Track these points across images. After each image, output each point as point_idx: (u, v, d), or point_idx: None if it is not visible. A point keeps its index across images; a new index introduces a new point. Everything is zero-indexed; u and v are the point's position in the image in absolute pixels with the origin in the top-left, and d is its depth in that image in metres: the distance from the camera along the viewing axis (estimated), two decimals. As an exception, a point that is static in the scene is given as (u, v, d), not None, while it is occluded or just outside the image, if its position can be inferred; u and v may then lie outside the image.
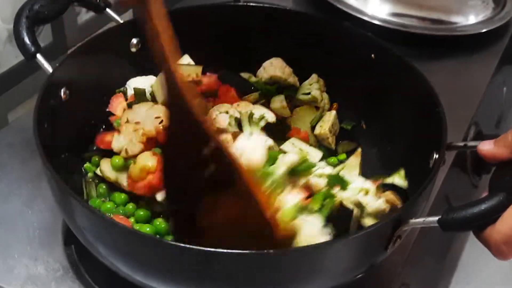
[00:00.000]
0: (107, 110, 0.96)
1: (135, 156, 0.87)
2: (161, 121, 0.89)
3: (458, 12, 1.38)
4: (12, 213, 0.90)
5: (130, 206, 0.86)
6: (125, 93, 0.97)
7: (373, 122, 1.00)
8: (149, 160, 0.84)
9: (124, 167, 0.88)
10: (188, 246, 0.63)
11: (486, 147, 0.72)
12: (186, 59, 1.03)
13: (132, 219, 0.85)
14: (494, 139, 0.72)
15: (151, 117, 0.90)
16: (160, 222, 0.84)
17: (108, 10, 0.96)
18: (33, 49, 0.85)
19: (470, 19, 1.37)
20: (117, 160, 0.88)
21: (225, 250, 0.62)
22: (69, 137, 0.88)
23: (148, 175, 0.84)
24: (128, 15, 1.28)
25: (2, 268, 0.83)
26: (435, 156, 0.79)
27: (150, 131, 0.88)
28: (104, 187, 0.90)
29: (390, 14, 1.34)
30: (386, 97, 0.95)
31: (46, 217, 0.90)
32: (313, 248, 0.67)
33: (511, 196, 0.65)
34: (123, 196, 0.88)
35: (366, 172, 0.95)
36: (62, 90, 0.86)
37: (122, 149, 0.88)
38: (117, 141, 0.89)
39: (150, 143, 0.88)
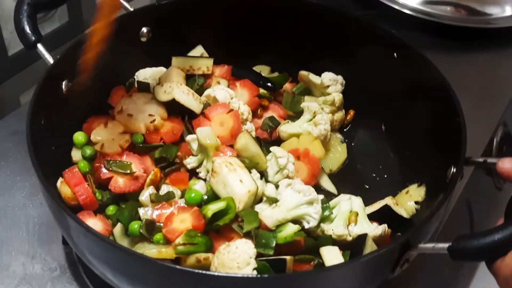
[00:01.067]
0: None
1: (108, 155, 0.82)
2: (153, 120, 0.85)
3: (494, 1, 1.28)
4: (13, 206, 0.87)
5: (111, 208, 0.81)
6: (131, 85, 0.93)
7: (393, 126, 0.93)
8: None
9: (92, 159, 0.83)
10: (177, 267, 0.61)
11: (506, 165, 0.66)
12: (200, 50, 0.99)
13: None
14: None
15: (145, 112, 0.85)
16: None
17: (121, 0, 0.91)
18: (33, 38, 0.81)
19: (506, 10, 1.27)
20: (88, 150, 0.83)
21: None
22: (68, 131, 0.85)
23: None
24: (140, 2, 1.22)
25: (-2, 265, 0.80)
26: (453, 170, 0.73)
27: (136, 141, 0.84)
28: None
29: (422, 3, 1.25)
30: (407, 99, 0.88)
31: (47, 212, 0.85)
32: (322, 271, 0.65)
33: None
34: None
35: (383, 178, 0.91)
36: (64, 83, 0.82)
37: (98, 142, 0.84)
38: (98, 133, 0.84)
39: (130, 149, 0.84)
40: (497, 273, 0.59)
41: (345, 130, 0.98)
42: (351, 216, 0.79)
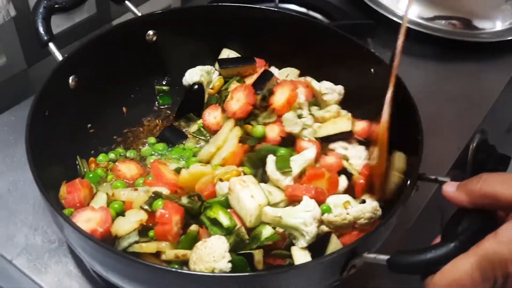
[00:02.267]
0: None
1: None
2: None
3: (486, 17, 1.29)
4: (24, 181, 0.91)
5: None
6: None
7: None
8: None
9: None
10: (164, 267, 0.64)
11: (449, 189, 0.65)
12: (226, 52, 1.01)
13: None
14: (459, 182, 0.65)
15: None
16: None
17: (127, 2, 0.94)
18: (46, 38, 0.85)
19: (497, 25, 1.28)
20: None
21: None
22: (71, 126, 0.88)
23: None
24: (146, 8, 1.25)
25: (4, 235, 0.84)
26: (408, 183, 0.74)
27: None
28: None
29: (419, 16, 1.26)
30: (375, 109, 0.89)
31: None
32: (279, 271, 0.67)
33: (461, 247, 0.60)
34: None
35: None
36: (71, 78, 0.86)
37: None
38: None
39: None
40: None
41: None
42: (345, 204, 0.80)
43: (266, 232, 0.75)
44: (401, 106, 0.83)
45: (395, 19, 1.23)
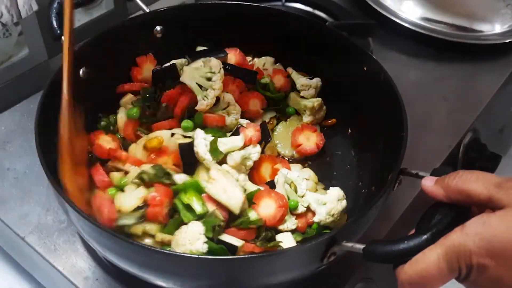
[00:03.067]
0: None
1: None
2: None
3: (486, 19, 1.28)
4: (39, 165, 0.89)
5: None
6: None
7: (356, 131, 0.97)
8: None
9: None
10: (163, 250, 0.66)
11: (428, 183, 0.65)
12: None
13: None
14: (437, 177, 0.66)
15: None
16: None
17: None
18: (59, 31, 0.87)
19: (496, 27, 1.27)
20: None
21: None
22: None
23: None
24: (157, 6, 1.27)
25: (18, 213, 0.87)
26: (389, 177, 0.75)
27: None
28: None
29: (421, 18, 1.26)
30: (369, 110, 0.91)
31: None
32: (264, 256, 0.69)
33: (432, 239, 0.61)
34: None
35: (345, 170, 0.95)
36: (82, 70, 0.88)
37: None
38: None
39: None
40: (397, 277, 0.62)
41: (324, 129, 1.01)
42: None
43: (252, 215, 0.78)
44: (389, 104, 0.84)
45: (396, 20, 1.23)
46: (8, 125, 1.00)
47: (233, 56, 1.00)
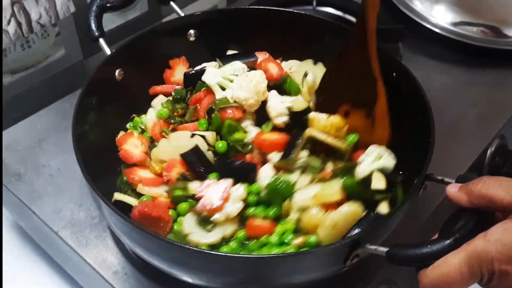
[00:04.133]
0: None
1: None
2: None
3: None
4: (74, 161, 0.95)
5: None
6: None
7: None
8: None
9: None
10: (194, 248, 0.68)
11: (452, 189, 0.67)
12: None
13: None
14: (461, 184, 0.67)
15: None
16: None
17: (172, 3, 0.99)
18: (96, 34, 0.90)
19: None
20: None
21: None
22: (115, 115, 0.93)
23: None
24: (192, 8, 1.30)
25: (52, 209, 0.90)
26: (415, 182, 0.75)
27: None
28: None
29: (451, 23, 1.26)
30: (395, 113, 0.91)
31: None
32: (288, 255, 0.70)
33: (455, 244, 0.62)
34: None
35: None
36: (117, 71, 0.91)
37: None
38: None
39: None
40: (419, 280, 0.63)
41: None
42: None
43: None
44: (417, 110, 0.85)
45: (426, 25, 1.24)
46: (44, 124, 1.03)
47: (261, 59, 1.01)
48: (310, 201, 0.78)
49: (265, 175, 0.83)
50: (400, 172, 0.88)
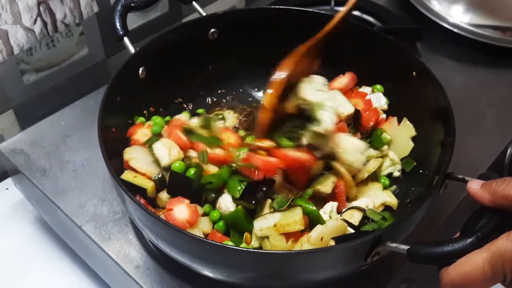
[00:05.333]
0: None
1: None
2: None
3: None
4: (97, 158, 0.96)
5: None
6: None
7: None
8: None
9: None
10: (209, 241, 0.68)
11: (474, 186, 0.66)
12: None
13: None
14: (483, 181, 0.66)
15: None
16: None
17: (194, 3, 0.99)
18: (121, 32, 0.90)
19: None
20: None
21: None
22: (140, 111, 0.93)
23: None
24: (211, 8, 1.29)
25: (76, 204, 0.91)
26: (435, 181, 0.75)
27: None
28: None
29: (469, 23, 1.24)
30: (415, 112, 0.91)
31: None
32: (309, 252, 0.69)
33: (477, 242, 0.61)
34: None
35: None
36: (141, 69, 0.91)
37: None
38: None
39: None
40: (441, 278, 0.62)
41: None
42: None
43: None
44: (438, 109, 0.84)
45: (444, 25, 1.22)
46: (69, 120, 1.04)
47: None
48: (270, 230, 0.75)
49: (225, 204, 0.81)
50: (420, 171, 0.87)
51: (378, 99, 0.97)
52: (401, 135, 0.92)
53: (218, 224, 0.81)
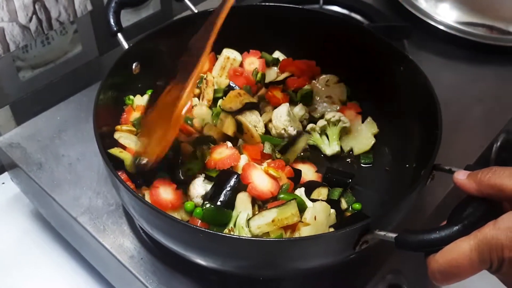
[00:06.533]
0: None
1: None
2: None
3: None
4: (92, 152, 0.96)
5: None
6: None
7: (388, 128, 0.96)
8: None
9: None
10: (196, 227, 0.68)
11: (460, 176, 0.66)
12: (276, 54, 1.05)
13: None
14: (469, 171, 0.66)
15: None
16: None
17: (186, 0, 0.99)
18: (115, 28, 0.90)
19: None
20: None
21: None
22: None
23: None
24: (203, 6, 1.29)
25: (72, 196, 0.90)
26: (422, 172, 0.75)
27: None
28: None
29: (456, 21, 1.24)
30: (404, 107, 0.91)
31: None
32: (298, 240, 0.69)
33: (463, 230, 0.61)
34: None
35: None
36: (134, 64, 0.91)
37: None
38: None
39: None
40: (428, 265, 0.62)
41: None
42: None
43: None
44: (425, 103, 0.84)
45: (431, 22, 1.23)
46: (64, 116, 1.03)
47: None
48: (269, 226, 0.75)
49: (197, 190, 0.82)
50: (407, 165, 0.88)
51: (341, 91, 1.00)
52: (364, 132, 0.97)
53: (196, 211, 0.80)
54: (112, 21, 0.90)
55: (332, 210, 0.82)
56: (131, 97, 0.93)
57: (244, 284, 0.79)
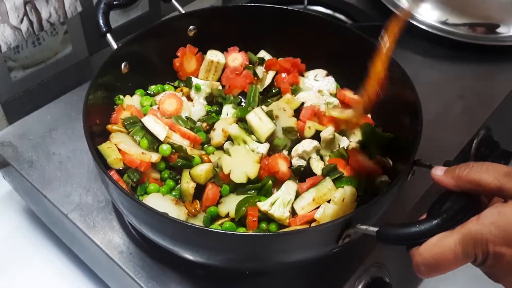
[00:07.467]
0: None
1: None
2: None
3: (503, 22, 1.25)
4: (82, 150, 0.96)
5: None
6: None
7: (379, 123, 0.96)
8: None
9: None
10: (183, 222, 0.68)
11: (438, 172, 0.65)
12: (262, 53, 1.04)
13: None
14: (447, 167, 0.66)
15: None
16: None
17: (173, 1, 0.98)
18: (104, 29, 0.90)
19: (512, 29, 1.25)
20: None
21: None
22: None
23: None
24: (190, 7, 1.29)
25: (62, 193, 0.90)
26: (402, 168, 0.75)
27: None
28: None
29: (438, 21, 1.24)
30: (385, 104, 0.90)
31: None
32: (281, 234, 0.70)
33: (442, 223, 0.62)
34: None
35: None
36: (123, 64, 0.90)
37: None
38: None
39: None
40: (412, 258, 0.62)
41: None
42: None
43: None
44: (406, 100, 0.85)
45: (413, 22, 1.22)
46: (54, 115, 1.03)
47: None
48: (311, 205, 0.80)
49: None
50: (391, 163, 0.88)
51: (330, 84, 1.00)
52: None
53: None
54: (101, 22, 0.90)
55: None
56: (121, 96, 0.92)
57: (230, 278, 0.80)
